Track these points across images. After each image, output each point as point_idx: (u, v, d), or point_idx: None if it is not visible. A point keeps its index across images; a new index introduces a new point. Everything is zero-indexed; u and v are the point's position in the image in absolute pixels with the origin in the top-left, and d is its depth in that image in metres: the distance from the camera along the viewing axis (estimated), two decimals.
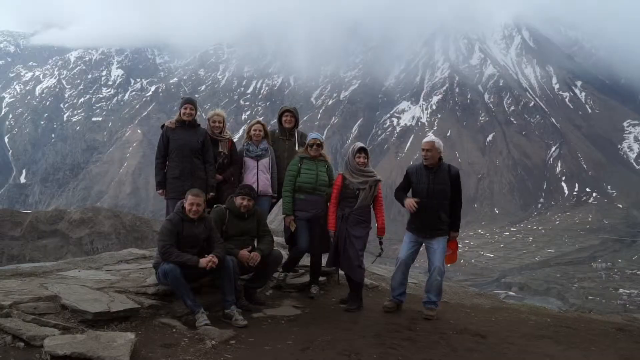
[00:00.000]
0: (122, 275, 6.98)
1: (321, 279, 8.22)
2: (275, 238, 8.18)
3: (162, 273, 6.07)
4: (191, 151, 7.54)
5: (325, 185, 7.52)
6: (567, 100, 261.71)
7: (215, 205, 7.20)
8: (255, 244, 7.20)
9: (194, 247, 6.26)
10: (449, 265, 7.50)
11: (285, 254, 8.30)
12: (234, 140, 8.42)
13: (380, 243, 7.34)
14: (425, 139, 7.05)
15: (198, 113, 8.12)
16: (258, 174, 7.91)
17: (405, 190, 7.27)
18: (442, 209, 6.93)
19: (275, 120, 8.72)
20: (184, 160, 7.51)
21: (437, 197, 6.89)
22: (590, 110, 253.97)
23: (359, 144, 7.38)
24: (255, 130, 8.02)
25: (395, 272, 7.28)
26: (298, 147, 8.20)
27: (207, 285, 6.81)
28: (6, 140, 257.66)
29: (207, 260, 6.05)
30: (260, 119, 8.72)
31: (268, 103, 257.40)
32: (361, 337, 6.03)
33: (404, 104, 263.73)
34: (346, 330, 6.29)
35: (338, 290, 8.39)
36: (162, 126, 7.86)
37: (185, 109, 7.72)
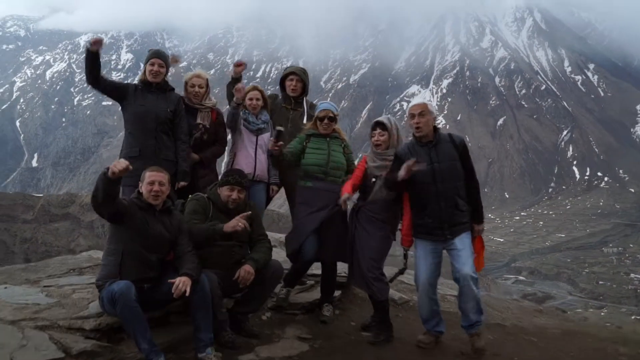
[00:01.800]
0: (61, 294, 5.04)
1: (336, 293, 6.08)
2: (271, 234, 6.40)
3: (108, 297, 4.02)
4: (157, 123, 5.44)
5: (342, 170, 5.54)
6: (579, 83, 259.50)
7: (194, 195, 5.16)
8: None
9: (151, 251, 4.33)
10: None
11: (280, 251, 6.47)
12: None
13: (405, 256, 5.43)
14: (413, 102, 5.03)
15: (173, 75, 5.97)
16: (256, 153, 5.92)
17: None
18: (458, 194, 4.89)
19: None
20: (147, 135, 5.43)
21: (447, 179, 4.86)
22: (602, 94, 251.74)
23: (378, 119, 5.40)
24: (251, 98, 5.96)
25: (419, 298, 5.17)
26: (306, 120, 6.23)
27: (177, 312, 4.85)
28: (18, 124, 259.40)
29: (179, 285, 4.07)
30: (256, 83, 6.59)
31: (277, 87, 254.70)
32: None
33: (413, 88, 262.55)
34: None
35: (358, 309, 6.30)
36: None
37: (152, 64, 5.49)
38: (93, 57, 4.98)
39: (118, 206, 4.13)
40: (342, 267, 5.90)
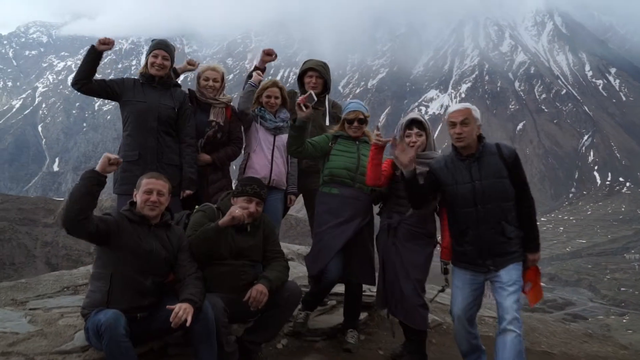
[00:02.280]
0: (45, 320, 4.31)
1: (361, 315, 5.27)
2: (288, 245, 5.55)
3: (93, 329, 3.33)
4: (159, 122, 4.78)
5: None
6: (600, 87, 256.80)
7: (202, 205, 4.33)
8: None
9: (146, 274, 3.60)
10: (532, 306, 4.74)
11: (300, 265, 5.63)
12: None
13: (446, 271, 4.46)
14: (454, 107, 4.18)
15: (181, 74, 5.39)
16: (273, 156, 5.20)
17: (424, 196, 4.25)
18: (505, 218, 4.00)
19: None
20: (147, 136, 4.74)
21: (491, 200, 4.00)
22: (624, 98, 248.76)
23: (411, 115, 4.54)
24: (269, 96, 5.25)
25: (456, 332, 4.33)
26: (329, 121, 5.51)
27: (176, 344, 4.12)
28: (40, 129, 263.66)
29: (178, 313, 3.34)
30: (277, 78, 5.76)
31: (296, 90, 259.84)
32: None
33: (432, 92, 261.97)
34: None
35: (386, 333, 5.36)
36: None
37: (156, 56, 4.81)
38: (97, 57, 4.54)
39: (96, 224, 3.43)
40: (367, 285, 5.19)
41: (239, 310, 3.89)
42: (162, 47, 4.85)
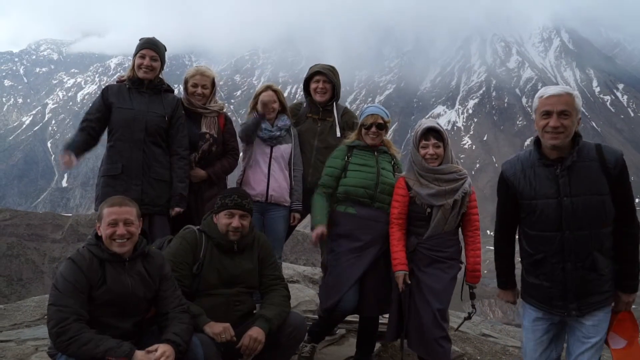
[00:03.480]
0: (16, 355, 3.79)
1: (376, 346, 4.56)
2: (292, 266, 4.99)
3: None
4: (147, 132, 4.23)
5: (391, 194, 4.02)
6: (608, 103, 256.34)
7: (183, 229, 3.68)
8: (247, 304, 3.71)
9: (125, 317, 3.01)
10: None
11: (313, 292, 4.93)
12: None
13: (472, 296, 3.88)
14: (550, 90, 3.04)
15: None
16: (270, 169, 4.64)
17: (513, 227, 3.36)
18: (598, 247, 2.98)
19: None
20: (133, 147, 4.21)
21: (584, 224, 2.95)
22: (632, 114, 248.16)
23: (428, 123, 3.88)
24: (264, 99, 4.67)
25: None
26: (339, 132, 4.81)
27: None
28: (49, 145, 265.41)
29: (159, 357, 2.77)
30: (272, 83, 5.04)
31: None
32: None
33: (439, 108, 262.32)
34: None
35: None
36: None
37: (143, 57, 4.31)
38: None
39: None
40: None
41: (233, 348, 3.28)
42: (150, 47, 4.35)
